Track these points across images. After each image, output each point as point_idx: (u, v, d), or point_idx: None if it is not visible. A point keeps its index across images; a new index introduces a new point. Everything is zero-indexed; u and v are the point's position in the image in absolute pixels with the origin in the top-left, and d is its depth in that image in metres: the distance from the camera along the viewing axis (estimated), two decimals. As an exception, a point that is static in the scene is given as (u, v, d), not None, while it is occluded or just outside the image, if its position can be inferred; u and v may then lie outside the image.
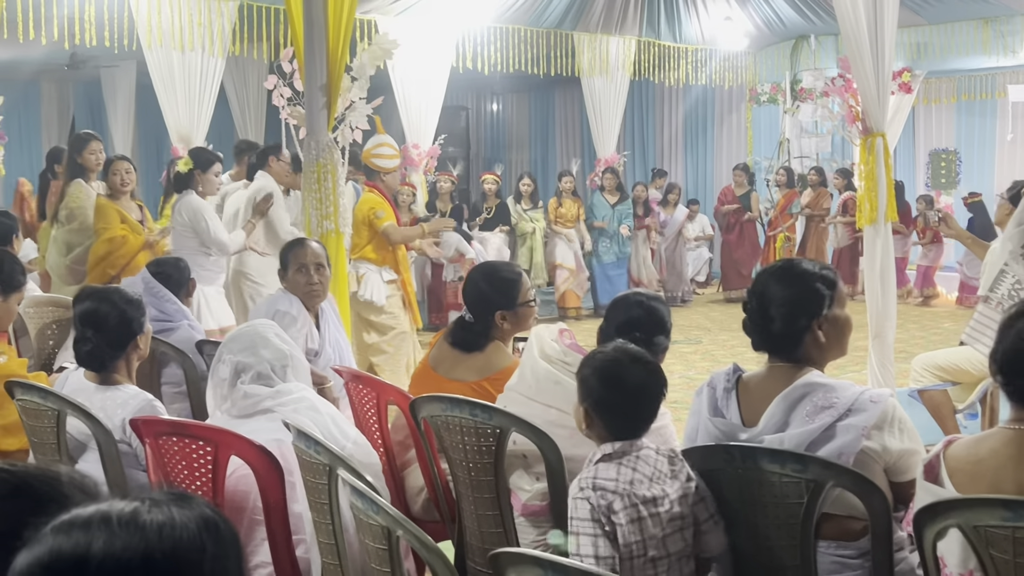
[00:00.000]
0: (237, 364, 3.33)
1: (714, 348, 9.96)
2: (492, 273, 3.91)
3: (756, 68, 14.87)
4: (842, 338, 2.83)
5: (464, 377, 3.72)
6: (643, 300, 3.33)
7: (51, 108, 15.78)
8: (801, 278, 2.80)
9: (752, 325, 2.86)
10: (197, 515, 1.20)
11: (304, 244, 4.81)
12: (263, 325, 3.54)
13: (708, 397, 2.86)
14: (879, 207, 5.92)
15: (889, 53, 5.78)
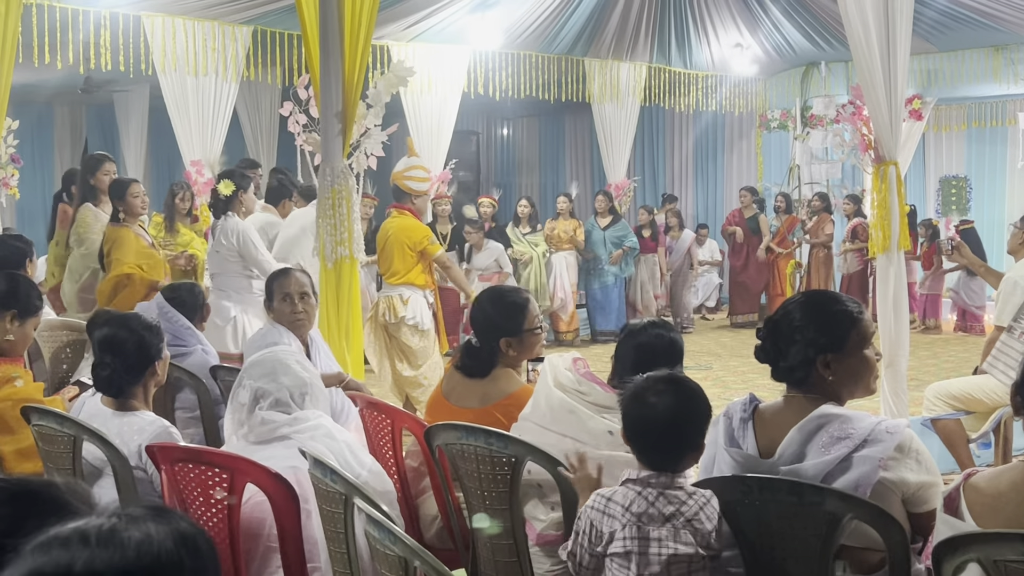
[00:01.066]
0: (257, 390, 3.32)
1: (725, 374, 9.94)
2: (499, 298, 3.91)
3: (766, 94, 14.91)
4: (858, 379, 2.78)
5: (471, 404, 3.72)
6: (661, 332, 3.33)
7: (64, 131, 15.88)
8: (820, 313, 2.78)
9: (763, 353, 2.85)
10: (175, 530, 1.20)
11: (288, 274, 4.77)
12: (284, 352, 3.53)
13: (724, 427, 2.85)
14: (892, 235, 5.92)
15: (902, 81, 5.79)
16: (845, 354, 2.74)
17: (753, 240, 13.73)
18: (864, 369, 2.79)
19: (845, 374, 2.75)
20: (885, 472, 2.57)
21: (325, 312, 5.14)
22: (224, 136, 9.93)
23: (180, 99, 9.63)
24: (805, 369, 2.75)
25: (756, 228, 13.69)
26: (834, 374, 2.74)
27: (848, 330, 2.76)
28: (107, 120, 15.36)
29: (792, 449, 2.67)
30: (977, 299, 12.62)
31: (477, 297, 3.99)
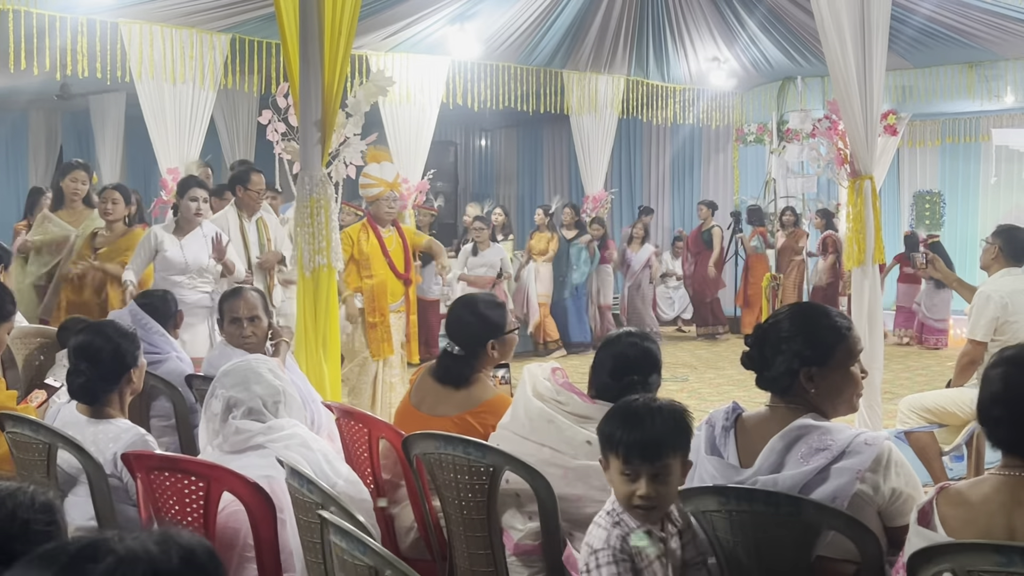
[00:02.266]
0: (229, 399, 3.31)
1: (701, 386, 9.97)
2: (476, 304, 3.94)
3: (743, 108, 14.99)
4: (841, 394, 2.79)
5: (445, 412, 3.72)
6: (636, 340, 3.34)
7: (39, 138, 15.74)
8: (809, 325, 2.79)
9: (749, 360, 2.87)
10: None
11: (239, 295, 4.70)
12: (257, 360, 3.51)
13: (706, 435, 2.86)
14: (867, 249, 5.96)
15: (878, 96, 5.84)
16: (830, 369, 2.76)
17: (705, 254, 13.94)
18: (848, 385, 2.81)
19: (828, 388, 2.77)
20: (862, 484, 2.58)
21: (303, 321, 5.12)
22: (201, 144, 9.87)
23: (157, 106, 9.57)
24: (789, 379, 2.77)
25: (709, 242, 13.92)
26: (817, 387, 2.75)
27: (835, 345, 2.77)
28: (83, 127, 15.26)
29: (772, 459, 2.69)
30: (939, 312, 12.78)
31: (452, 308, 3.98)
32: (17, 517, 1.43)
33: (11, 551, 1.30)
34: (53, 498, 1.50)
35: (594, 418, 3.16)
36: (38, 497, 1.47)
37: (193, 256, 6.44)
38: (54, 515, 1.48)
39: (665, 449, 2.48)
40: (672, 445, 2.50)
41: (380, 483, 3.72)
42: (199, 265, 6.45)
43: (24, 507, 1.45)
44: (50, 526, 1.46)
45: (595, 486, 3.09)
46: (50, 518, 1.47)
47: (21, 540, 1.41)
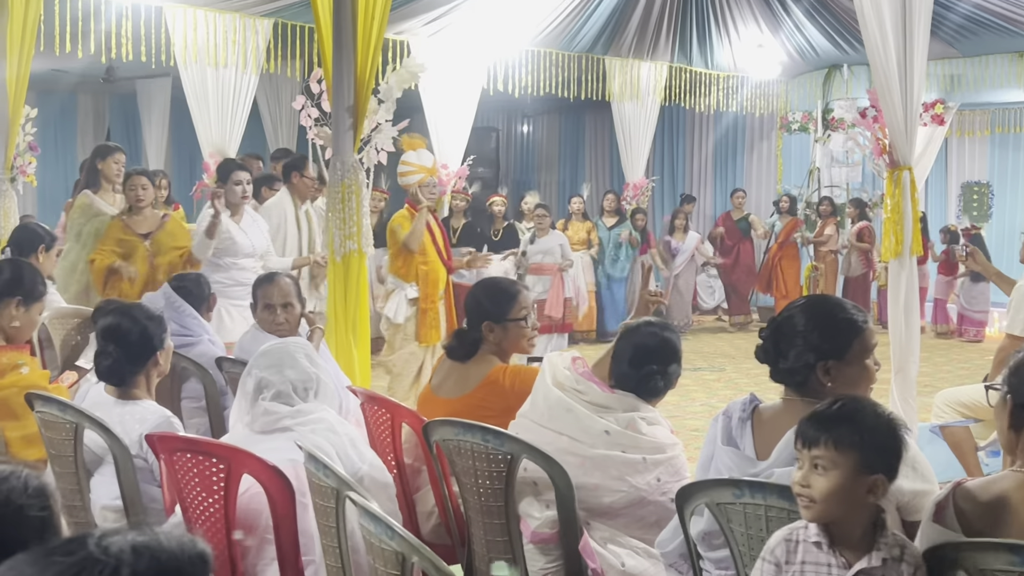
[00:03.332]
0: (261, 380, 3.32)
1: (738, 376, 9.92)
2: (491, 285, 4.04)
3: (788, 96, 14.83)
4: (856, 387, 2.76)
5: (455, 394, 3.76)
6: (656, 330, 3.33)
7: (87, 120, 15.96)
8: (824, 319, 2.77)
9: (763, 353, 2.85)
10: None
11: (273, 281, 4.72)
12: (295, 344, 3.51)
13: (723, 426, 2.84)
14: (904, 240, 5.88)
15: (918, 86, 5.74)
16: (845, 362, 2.74)
17: (744, 243, 13.81)
18: (863, 378, 2.78)
19: (844, 382, 2.74)
20: None
21: (332, 306, 5.16)
22: (243, 128, 9.95)
23: (200, 91, 9.66)
24: (804, 373, 2.75)
25: (746, 230, 13.81)
26: (833, 381, 2.73)
27: (851, 339, 2.75)
28: (130, 110, 15.44)
29: (788, 452, 2.66)
30: (978, 304, 12.65)
31: (474, 285, 4.06)
32: (11, 502, 1.45)
33: (5, 536, 1.32)
34: (46, 483, 1.51)
35: (613, 407, 3.17)
36: (31, 482, 1.49)
37: (258, 238, 6.55)
38: (48, 500, 1.49)
39: (826, 438, 2.23)
40: (840, 440, 2.22)
41: (402, 468, 3.74)
42: (264, 248, 6.56)
43: (18, 492, 1.46)
44: (44, 511, 1.48)
45: (612, 475, 3.09)
46: (44, 503, 1.48)
47: (15, 525, 1.42)
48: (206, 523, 3.11)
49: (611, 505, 3.12)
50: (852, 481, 2.22)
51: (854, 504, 2.23)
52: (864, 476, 2.22)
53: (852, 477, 2.22)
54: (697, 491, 2.71)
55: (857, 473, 2.22)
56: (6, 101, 7.43)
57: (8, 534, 1.36)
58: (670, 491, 2.96)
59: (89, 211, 6.79)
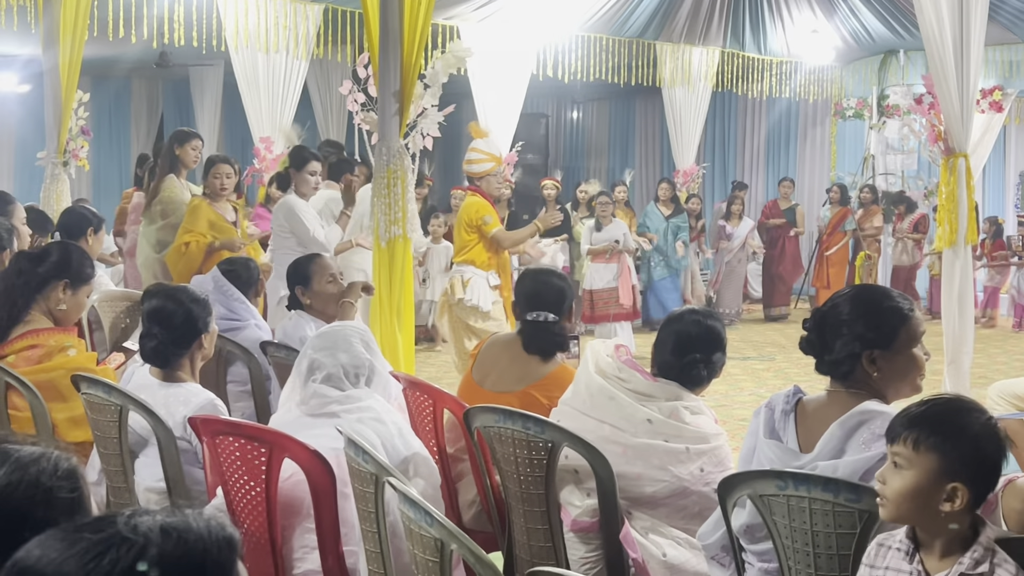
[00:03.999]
0: (313, 361, 3.31)
1: (788, 366, 9.82)
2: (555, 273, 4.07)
3: (842, 82, 14.64)
4: (904, 377, 2.71)
5: (510, 388, 3.72)
6: (699, 318, 3.28)
7: (141, 106, 16.15)
8: (870, 308, 2.71)
9: (807, 345, 2.80)
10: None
11: (323, 256, 4.84)
12: (353, 329, 3.48)
13: (766, 418, 2.80)
14: (959, 229, 5.78)
15: (975, 72, 5.64)
16: (893, 351, 2.68)
17: (791, 233, 13.64)
18: (911, 368, 2.71)
19: (891, 372, 2.69)
20: None
21: (378, 291, 5.16)
22: (293, 114, 10.01)
23: (251, 76, 9.74)
24: (850, 364, 2.70)
25: (793, 220, 13.56)
26: (880, 371, 2.67)
27: (897, 327, 2.69)
28: (183, 95, 15.59)
29: (832, 444, 2.62)
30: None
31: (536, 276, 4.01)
32: (40, 484, 1.45)
33: (35, 518, 1.32)
34: (75, 464, 1.51)
35: (655, 396, 3.13)
36: (61, 463, 1.48)
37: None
38: (77, 481, 1.49)
39: (907, 435, 2.10)
40: (920, 440, 2.08)
41: (444, 454, 3.73)
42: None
43: (47, 474, 1.46)
44: (74, 492, 1.48)
45: (654, 464, 3.06)
46: (73, 484, 1.48)
47: (44, 507, 1.42)
48: (247, 506, 3.12)
49: (653, 495, 3.08)
50: (927, 484, 2.08)
51: (929, 510, 2.09)
52: (942, 481, 2.06)
53: (928, 480, 2.08)
54: (740, 482, 2.67)
55: (934, 477, 2.07)
56: (59, 86, 7.53)
57: (38, 515, 1.36)
58: (713, 482, 2.92)
59: (182, 195, 6.74)
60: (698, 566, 3.06)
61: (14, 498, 1.42)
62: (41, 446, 1.49)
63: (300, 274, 4.80)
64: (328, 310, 4.67)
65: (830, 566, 2.54)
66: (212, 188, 6.47)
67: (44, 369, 3.86)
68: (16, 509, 1.40)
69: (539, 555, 3.19)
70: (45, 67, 7.77)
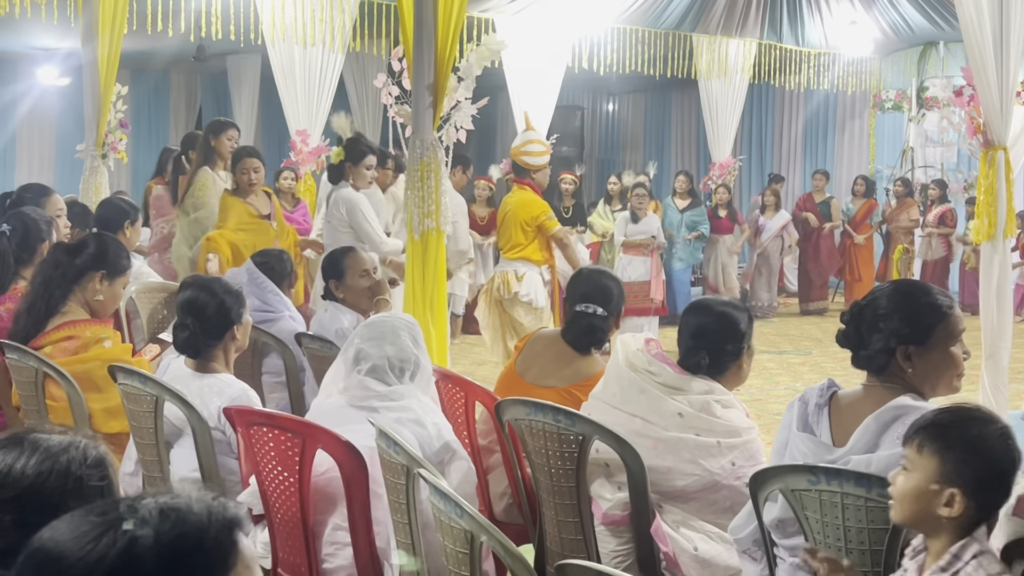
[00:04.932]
0: (360, 351, 3.31)
1: (824, 360, 9.75)
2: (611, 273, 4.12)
3: (881, 74, 14.49)
4: (940, 375, 2.67)
5: (552, 384, 3.72)
6: (712, 305, 3.27)
7: (179, 99, 16.28)
8: (908, 303, 2.68)
9: (844, 339, 2.78)
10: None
11: (357, 250, 4.85)
12: (403, 321, 3.47)
13: (799, 411, 2.79)
14: (998, 223, 5.71)
15: (1015, 64, 5.56)
16: (928, 348, 2.65)
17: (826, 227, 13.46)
18: (948, 366, 2.68)
19: (926, 368, 2.66)
20: None
21: (411, 284, 5.18)
22: (329, 107, 10.03)
23: (288, 69, 9.77)
24: (885, 358, 2.67)
25: (828, 213, 13.34)
26: (915, 367, 2.65)
27: (934, 324, 2.65)
28: (221, 88, 15.71)
29: (866, 439, 2.60)
30: None
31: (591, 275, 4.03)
32: (71, 473, 1.47)
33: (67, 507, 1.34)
34: (104, 452, 1.53)
35: (686, 389, 3.12)
36: (90, 452, 1.50)
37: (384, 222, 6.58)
38: (107, 470, 1.51)
39: (915, 438, 2.14)
40: (924, 444, 2.11)
41: (475, 447, 3.74)
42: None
43: (77, 463, 1.48)
44: (103, 480, 1.50)
45: (685, 458, 3.05)
46: (103, 473, 1.50)
47: (76, 496, 1.44)
48: (281, 496, 3.15)
49: (684, 488, 3.07)
50: (926, 488, 2.09)
51: (928, 514, 2.10)
52: (941, 487, 2.08)
53: (926, 484, 2.09)
54: (771, 476, 2.66)
55: (933, 481, 2.09)
56: (98, 80, 7.60)
57: (70, 504, 1.38)
58: (744, 476, 2.90)
59: (214, 188, 6.64)
60: (729, 560, 3.05)
61: (47, 487, 1.44)
62: (69, 435, 1.51)
63: (334, 267, 4.82)
64: (361, 304, 4.69)
65: (862, 561, 2.52)
66: (240, 184, 6.36)
67: (80, 360, 3.91)
68: (49, 498, 1.42)
69: (570, 548, 3.19)
70: (84, 60, 7.85)
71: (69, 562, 1.15)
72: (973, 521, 2.07)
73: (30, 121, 14.78)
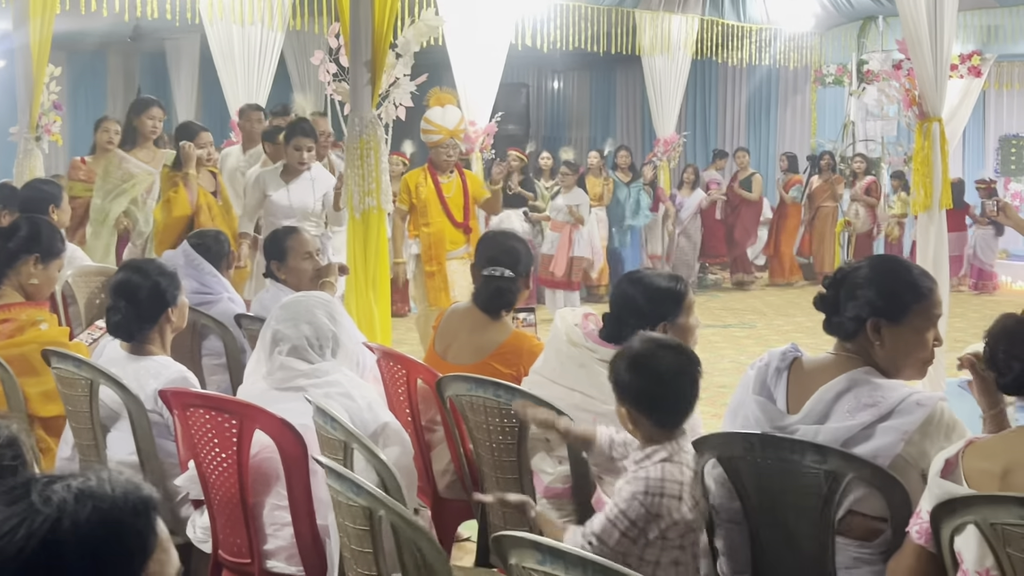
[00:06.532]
0: (276, 332, 3.28)
1: (768, 333, 9.85)
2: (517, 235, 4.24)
3: (822, 49, 14.63)
4: (907, 356, 2.66)
5: (469, 360, 3.72)
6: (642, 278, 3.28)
7: (117, 79, 15.99)
8: (887, 277, 2.67)
9: (821, 302, 2.78)
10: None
11: (301, 231, 4.83)
12: (317, 299, 3.44)
13: (758, 373, 2.77)
14: (933, 193, 5.80)
15: (948, 35, 5.65)
16: (899, 326, 2.63)
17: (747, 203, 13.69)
18: (916, 348, 2.66)
19: (894, 345, 2.64)
20: (908, 446, 2.49)
21: (352, 263, 5.14)
22: (270, 86, 9.92)
23: (226, 48, 9.63)
24: (854, 327, 2.66)
25: (749, 188, 13.66)
26: (883, 342, 2.63)
27: (910, 303, 2.64)
28: (159, 68, 15.44)
29: (818, 409, 2.59)
30: (993, 257, 13.15)
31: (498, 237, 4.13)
32: None
33: None
34: (16, 431, 1.50)
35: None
36: (2, 432, 1.48)
37: (299, 200, 6.35)
38: (20, 449, 1.48)
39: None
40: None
41: (418, 424, 3.73)
42: (304, 209, 6.36)
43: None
44: (15, 460, 1.47)
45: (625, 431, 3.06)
46: (16, 452, 1.47)
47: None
48: (220, 477, 3.12)
49: (623, 460, 3.09)
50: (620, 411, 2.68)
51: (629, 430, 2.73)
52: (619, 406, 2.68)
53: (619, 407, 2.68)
54: (709, 445, 2.67)
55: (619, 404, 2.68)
56: (30, 61, 7.46)
57: None
58: (684, 446, 2.92)
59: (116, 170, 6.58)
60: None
61: None
62: None
63: (276, 248, 4.78)
64: (303, 287, 4.63)
65: (797, 525, 2.56)
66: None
67: (16, 343, 3.85)
68: None
69: (512, 522, 3.18)
70: (16, 43, 7.69)
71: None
72: (661, 432, 2.61)
73: (-36, 105, 14.45)
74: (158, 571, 1.19)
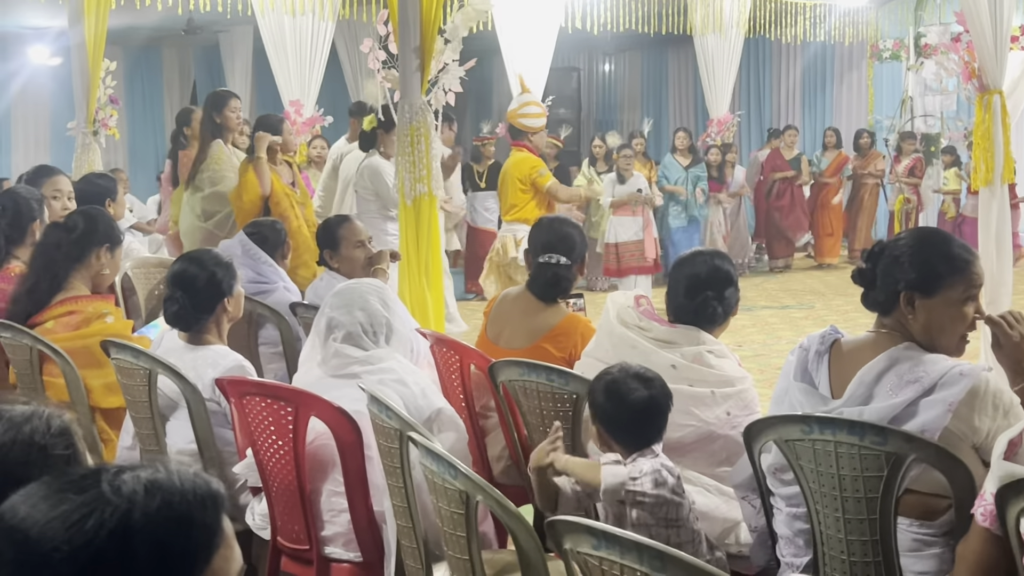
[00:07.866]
0: (331, 320, 3.31)
1: (827, 313, 9.72)
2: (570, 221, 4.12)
3: (878, 23, 14.37)
4: (942, 331, 2.60)
5: (521, 344, 3.72)
6: (706, 258, 3.25)
7: (172, 72, 16.18)
8: (923, 249, 2.63)
9: (860, 276, 2.74)
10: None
11: (354, 220, 4.88)
12: (370, 285, 3.47)
13: (799, 359, 2.76)
14: (995, 168, 5.68)
15: (1009, 5, 5.53)
16: (933, 299, 2.59)
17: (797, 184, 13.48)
18: (953, 324, 2.61)
19: (928, 320, 2.59)
20: (956, 419, 2.45)
21: (405, 250, 5.16)
22: (322, 76, 9.97)
23: (278, 39, 9.69)
24: (889, 301, 2.63)
25: (799, 169, 13.43)
26: (916, 316, 2.59)
27: (944, 277, 2.59)
28: (213, 61, 15.61)
29: (860, 391, 2.57)
30: None
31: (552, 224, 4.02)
32: (34, 443, 1.45)
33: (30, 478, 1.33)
34: (68, 421, 1.51)
35: (678, 343, 3.12)
36: (54, 421, 1.49)
37: None
38: (71, 438, 1.50)
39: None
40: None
41: (472, 410, 3.73)
42: None
43: (40, 432, 1.46)
44: (68, 450, 1.48)
45: (680, 410, 3.02)
46: (68, 441, 1.49)
47: (40, 466, 1.42)
48: (277, 465, 3.14)
49: (680, 440, 3.06)
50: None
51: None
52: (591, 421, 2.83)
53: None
54: (765, 428, 2.65)
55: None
56: (86, 57, 7.56)
57: (33, 475, 1.36)
58: (740, 425, 2.89)
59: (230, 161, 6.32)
60: (728, 513, 3.04)
61: (10, 458, 1.42)
62: (32, 405, 1.49)
63: (329, 237, 4.81)
64: (355, 274, 4.66)
65: (858, 509, 2.52)
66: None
67: (81, 335, 3.92)
68: (12, 469, 1.41)
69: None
70: (72, 39, 7.80)
71: (52, 544, 1.10)
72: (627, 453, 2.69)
73: (24, 101, 14.71)
74: (222, 567, 1.19)
